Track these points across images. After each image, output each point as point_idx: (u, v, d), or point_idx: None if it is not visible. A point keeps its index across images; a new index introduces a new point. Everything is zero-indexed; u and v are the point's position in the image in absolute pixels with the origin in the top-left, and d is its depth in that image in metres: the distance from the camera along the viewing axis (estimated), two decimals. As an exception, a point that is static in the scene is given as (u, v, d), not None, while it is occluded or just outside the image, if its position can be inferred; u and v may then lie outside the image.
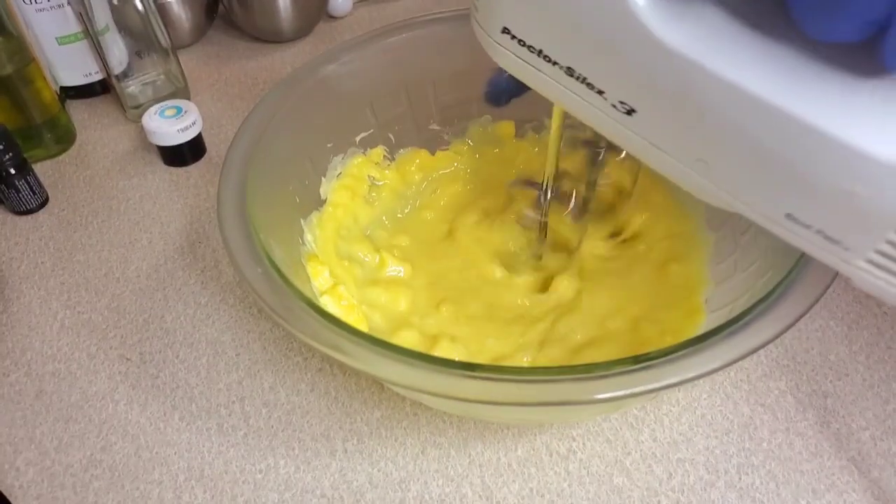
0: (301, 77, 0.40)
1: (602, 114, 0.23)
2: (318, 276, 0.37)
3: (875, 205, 0.19)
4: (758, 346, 0.25)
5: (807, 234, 0.21)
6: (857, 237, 0.20)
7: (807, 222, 0.20)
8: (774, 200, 0.21)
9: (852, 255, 0.20)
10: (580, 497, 0.33)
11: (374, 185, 0.44)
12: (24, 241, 0.48)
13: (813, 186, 0.19)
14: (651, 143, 0.22)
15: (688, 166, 0.22)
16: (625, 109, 0.22)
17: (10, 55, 0.50)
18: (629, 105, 0.22)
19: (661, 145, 0.22)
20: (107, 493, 0.34)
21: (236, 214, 0.32)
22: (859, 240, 0.20)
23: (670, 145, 0.22)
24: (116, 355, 0.40)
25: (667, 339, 0.34)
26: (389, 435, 0.36)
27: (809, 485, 0.33)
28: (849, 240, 0.20)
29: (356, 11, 0.72)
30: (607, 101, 0.22)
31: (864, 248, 0.20)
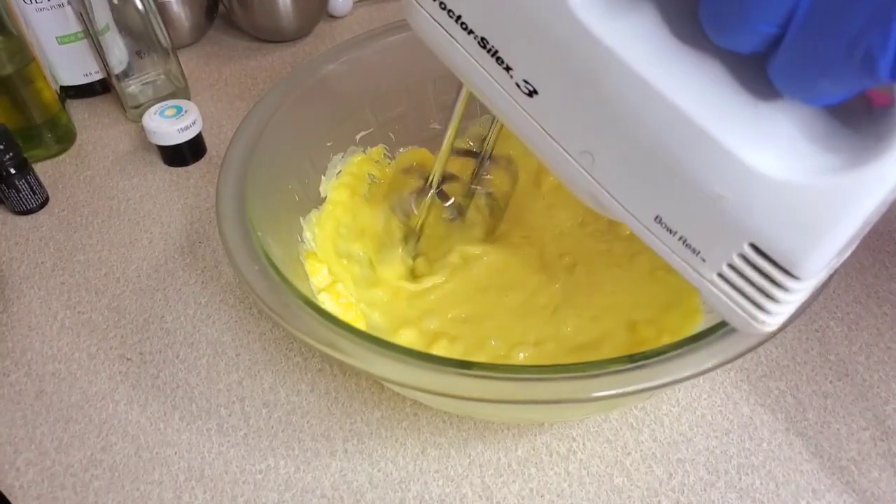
0: (301, 76, 0.40)
1: (503, 92, 0.23)
2: (317, 273, 0.37)
3: (738, 213, 0.20)
4: (752, 346, 0.25)
5: (670, 240, 0.22)
6: (714, 247, 0.21)
7: (673, 227, 0.22)
8: (648, 199, 0.22)
9: (706, 268, 0.21)
10: (580, 497, 0.33)
11: (374, 184, 0.44)
12: (24, 241, 0.48)
13: (687, 186, 0.20)
14: (543, 129, 0.23)
15: (573, 157, 0.23)
16: (527, 90, 0.23)
17: (11, 55, 0.50)
18: (533, 85, 0.22)
19: (552, 132, 0.23)
20: (107, 493, 0.34)
21: (234, 212, 0.32)
22: (716, 250, 0.21)
23: (562, 133, 0.23)
24: (117, 355, 0.40)
25: (664, 339, 0.34)
26: (389, 435, 0.36)
27: (809, 485, 0.33)
28: (707, 250, 0.21)
29: (356, 11, 0.72)
30: (512, 80, 0.23)
31: (718, 260, 0.21)
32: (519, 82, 0.23)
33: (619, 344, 0.35)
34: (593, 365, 0.25)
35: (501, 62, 0.23)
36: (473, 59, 0.24)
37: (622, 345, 0.35)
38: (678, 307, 0.36)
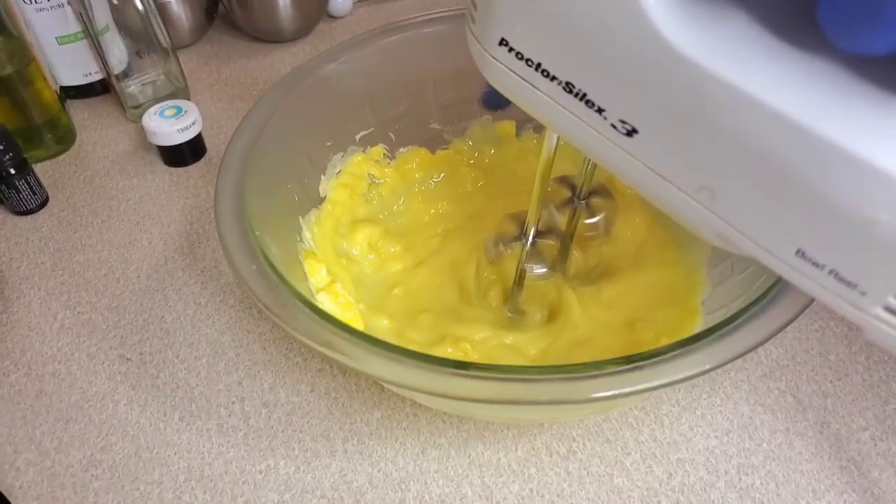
0: (301, 76, 0.40)
1: (599, 136, 0.21)
2: (315, 273, 0.37)
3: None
4: (749, 347, 0.25)
5: (818, 275, 0.19)
6: (875, 278, 0.18)
7: (819, 260, 0.19)
8: (785, 233, 0.19)
9: (868, 302, 0.18)
10: (580, 497, 0.33)
11: (374, 184, 0.44)
12: (24, 242, 0.48)
13: (831, 215, 0.17)
14: (651, 169, 0.21)
15: (690, 195, 0.21)
16: (625, 130, 0.21)
17: (11, 55, 0.50)
18: (631, 125, 0.20)
19: (661, 171, 0.21)
20: (107, 493, 0.34)
21: (233, 211, 0.32)
22: (877, 282, 0.18)
23: (672, 171, 0.21)
24: (116, 355, 0.40)
25: (662, 340, 0.34)
26: (389, 435, 0.36)
27: (809, 485, 0.33)
28: (865, 282, 0.18)
29: (356, 11, 0.72)
30: (606, 121, 0.21)
31: (881, 291, 0.18)
32: (615, 123, 0.21)
33: (617, 344, 0.35)
34: (591, 366, 0.25)
35: (592, 105, 0.21)
36: (560, 105, 0.22)
37: (621, 345, 0.35)
38: (677, 308, 0.35)
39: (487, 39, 0.22)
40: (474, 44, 0.23)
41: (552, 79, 0.21)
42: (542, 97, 0.22)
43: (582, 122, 0.22)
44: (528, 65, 0.22)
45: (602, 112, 0.21)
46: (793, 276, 0.20)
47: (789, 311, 0.26)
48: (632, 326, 0.36)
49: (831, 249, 0.18)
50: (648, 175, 0.21)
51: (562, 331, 0.36)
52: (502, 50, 0.22)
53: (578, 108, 0.21)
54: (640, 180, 0.22)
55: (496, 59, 0.23)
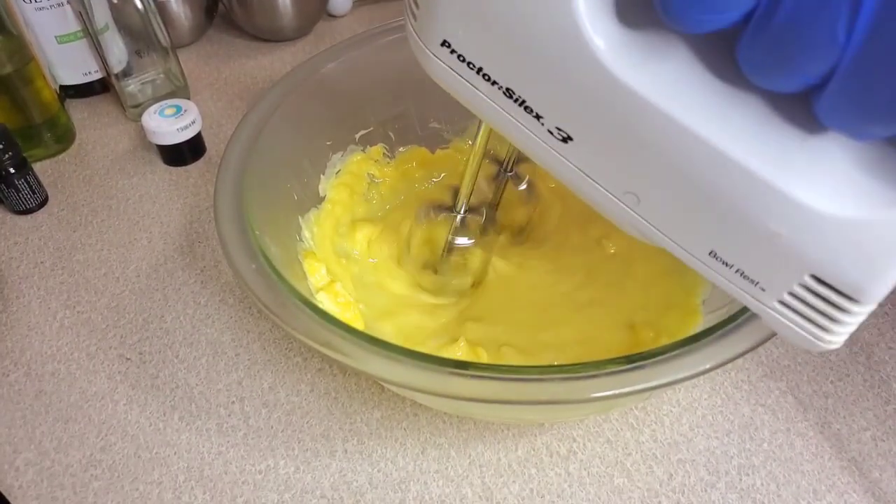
0: (301, 75, 0.40)
1: (536, 139, 0.22)
2: (315, 273, 0.37)
3: (796, 248, 0.19)
4: (750, 347, 0.25)
5: (726, 272, 0.22)
6: (773, 278, 0.21)
7: (729, 261, 0.21)
8: (700, 237, 0.21)
9: (766, 296, 0.21)
10: (580, 498, 0.33)
11: (374, 183, 0.44)
12: (23, 241, 0.48)
13: (741, 226, 0.20)
14: (582, 172, 0.22)
15: (617, 198, 0.22)
16: (561, 136, 0.22)
17: (10, 54, 0.50)
18: (566, 132, 0.22)
19: (592, 175, 0.22)
20: (106, 493, 0.34)
21: (232, 211, 0.32)
22: (775, 281, 0.21)
23: (602, 176, 0.22)
24: (116, 355, 0.40)
25: (662, 340, 0.34)
26: (389, 435, 0.36)
27: (810, 485, 0.33)
28: (766, 281, 0.21)
29: (356, 10, 0.72)
30: (543, 127, 0.22)
31: (778, 289, 0.21)
32: (552, 129, 0.22)
33: (617, 344, 0.35)
34: (591, 366, 0.25)
35: (530, 111, 0.22)
36: (499, 107, 0.23)
37: (621, 345, 0.35)
38: (677, 308, 0.35)
39: (429, 39, 0.23)
40: (416, 41, 0.24)
41: (493, 83, 0.22)
42: (483, 98, 0.23)
43: (520, 125, 0.22)
44: (469, 67, 0.22)
45: (540, 118, 0.22)
46: (704, 270, 0.22)
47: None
48: (632, 326, 0.36)
49: (739, 253, 0.21)
50: (580, 177, 0.23)
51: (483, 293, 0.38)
52: (444, 51, 0.22)
53: (517, 113, 0.22)
54: (572, 180, 0.23)
55: (438, 58, 0.23)
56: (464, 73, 0.22)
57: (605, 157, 0.22)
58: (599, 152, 0.22)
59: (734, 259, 0.21)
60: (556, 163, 0.23)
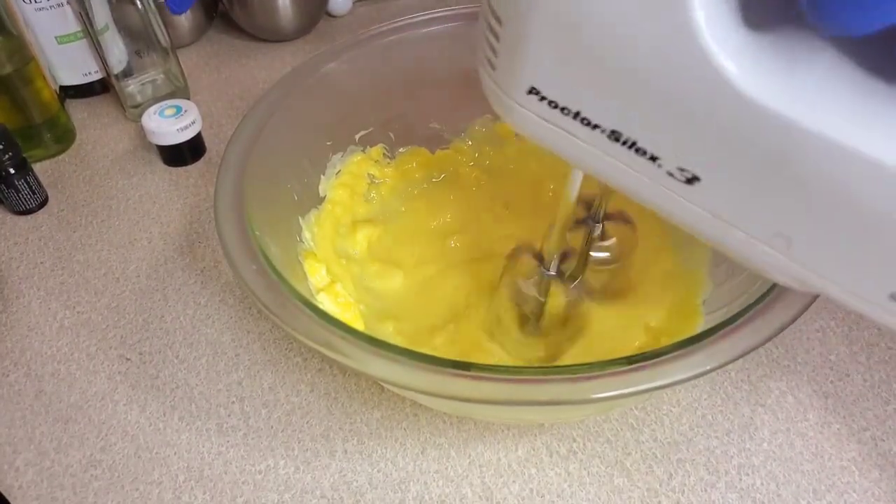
0: (301, 75, 0.40)
1: (652, 184, 0.19)
2: (315, 273, 0.37)
3: None
4: (750, 348, 0.25)
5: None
6: None
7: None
8: (878, 278, 0.18)
9: None
10: (580, 497, 0.33)
11: (374, 184, 0.44)
12: (23, 241, 0.48)
13: None
14: (715, 216, 0.19)
15: (762, 242, 0.19)
16: (685, 178, 0.18)
17: (10, 54, 0.50)
18: (691, 172, 0.18)
19: (728, 218, 0.19)
20: (106, 493, 0.34)
21: (233, 211, 0.32)
22: None
23: (740, 218, 0.19)
24: (116, 355, 0.40)
25: (663, 340, 0.34)
26: (389, 435, 0.36)
27: (810, 485, 0.33)
28: None
29: (356, 10, 0.72)
30: (661, 169, 0.19)
31: None
32: (672, 171, 0.18)
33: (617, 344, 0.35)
34: (592, 366, 0.25)
35: (643, 153, 0.19)
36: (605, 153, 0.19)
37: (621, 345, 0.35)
38: (678, 308, 0.35)
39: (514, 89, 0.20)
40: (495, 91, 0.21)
41: (594, 127, 0.19)
42: (581, 145, 0.20)
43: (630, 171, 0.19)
44: (564, 113, 0.19)
45: (656, 160, 0.19)
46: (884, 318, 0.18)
47: (790, 311, 0.26)
48: (637, 327, 0.36)
49: None
50: (711, 221, 0.19)
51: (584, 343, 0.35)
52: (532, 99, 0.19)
53: (626, 157, 0.19)
54: (700, 226, 0.20)
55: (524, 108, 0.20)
56: (557, 121, 0.19)
57: (743, 195, 0.18)
58: (735, 191, 0.18)
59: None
60: (679, 208, 0.19)
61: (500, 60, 0.20)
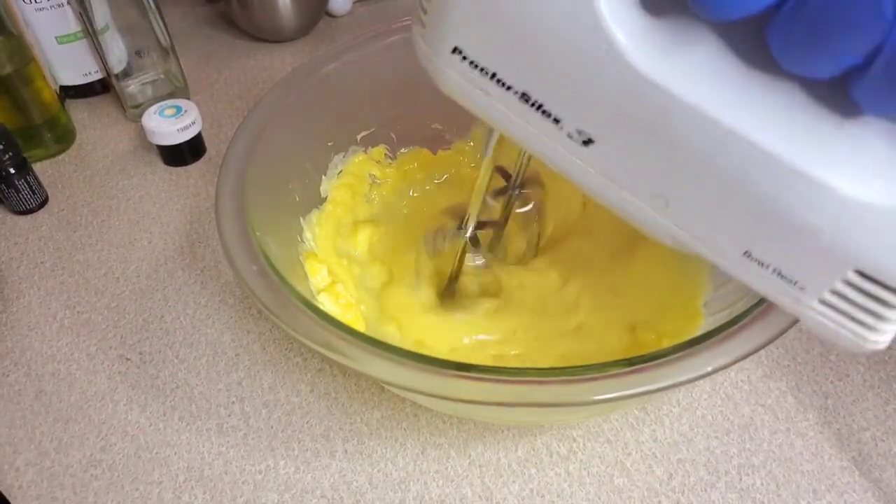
0: (302, 75, 0.40)
1: (554, 143, 0.21)
2: (316, 274, 0.37)
3: (839, 242, 0.18)
4: (751, 350, 0.25)
5: (762, 272, 0.20)
6: (814, 276, 0.20)
7: (765, 260, 0.20)
8: (733, 237, 0.20)
9: (806, 296, 0.20)
10: (580, 498, 0.33)
11: (375, 184, 0.44)
12: (23, 241, 0.48)
13: (778, 223, 0.19)
14: (605, 177, 0.21)
15: (643, 201, 0.21)
16: (582, 139, 0.21)
17: (10, 55, 0.50)
18: (588, 134, 0.21)
19: (616, 178, 0.21)
20: (106, 493, 0.34)
21: (234, 212, 0.32)
22: (816, 279, 0.20)
23: (627, 179, 0.21)
24: (116, 355, 0.40)
25: (664, 342, 0.34)
26: (389, 436, 0.36)
27: (810, 485, 0.33)
28: (805, 279, 0.20)
29: (356, 10, 0.72)
30: (562, 131, 0.21)
31: (819, 287, 0.20)
32: (571, 133, 0.21)
33: (618, 346, 0.35)
34: (593, 368, 0.25)
35: (548, 115, 0.21)
36: (515, 114, 0.21)
37: (622, 346, 0.35)
38: (679, 310, 0.35)
39: (439, 47, 0.22)
40: (424, 49, 0.23)
41: (507, 88, 0.21)
42: (496, 105, 0.22)
43: (536, 131, 0.21)
44: (482, 73, 0.21)
45: (558, 122, 0.21)
46: (737, 272, 0.21)
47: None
48: (633, 329, 0.36)
49: (777, 252, 0.20)
50: (602, 182, 0.21)
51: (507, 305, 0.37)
52: (455, 58, 0.21)
53: (534, 118, 0.21)
54: (594, 187, 0.22)
55: (449, 67, 0.22)
56: (476, 81, 0.22)
57: (630, 158, 0.21)
58: (623, 153, 0.21)
59: (771, 258, 0.20)
60: (577, 169, 0.22)
61: (429, 20, 0.22)
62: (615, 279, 0.39)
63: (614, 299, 0.38)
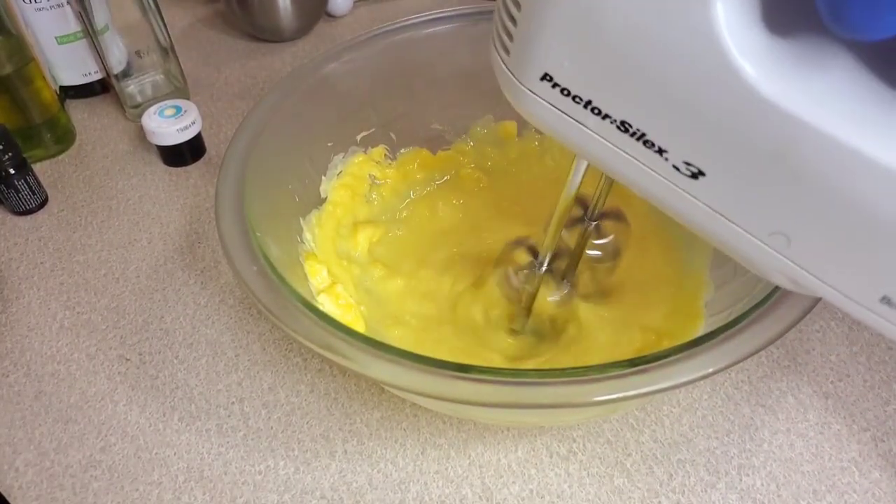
0: (302, 76, 0.40)
1: (657, 177, 0.19)
2: (316, 274, 0.36)
3: None
4: (752, 351, 0.25)
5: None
6: None
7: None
8: (870, 281, 0.18)
9: None
10: (580, 498, 0.33)
11: (375, 185, 0.44)
12: (23, 242, 0.48)
13: None
14: (716, 212, 0.19)
15: (760, 239, 0.19)
16: (690, 172, 0.19)
17: (10, 55, 0.50)
18: (697, 167, 0.18)
19: (729, 214, 0.19)
20: (106, 493, 0.34)
21: (233, 212, 0.32)
22: None
23: (741, 215, 0.19)
24: (116, 356, 0.40)
25: (665, 342, 0.34)
26: (389, 436, 0.36)
27: (810, 486, 0.33)
28: None
29: (356, 11, 0.72)
30: (668, 163, 0.19)
31: None
32: (678, 165, 0.19)
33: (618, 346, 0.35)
34: (593, 369, 0.24)
35: (651, 145, 0.19)
36: (611, 143, 0.20)
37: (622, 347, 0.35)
38: (680, 311, 0.35)
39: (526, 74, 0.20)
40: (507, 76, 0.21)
41: (604, 117, 0.19)
42: (590, 135, 0.20)
43: (637, 162, 0.20)
44: (575, 102, 0.19)
45: (663, 153, 0.19)
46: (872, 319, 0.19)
47: (792, 313, 0.26)
48: (633, 329, 0.36)
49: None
50: (712, 217, 0.19)
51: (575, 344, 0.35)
52: (544, 85, 0.20)
53: (634, 148, 0.19)
54: (701, 221, 0.20)
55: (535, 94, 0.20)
56: (568, 109, 0.20)
57: (747, 193, 0.18)
58: (739, 188, 0.18)
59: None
60: (681, 202, 0.20)
61: (516, 46, 0.20)
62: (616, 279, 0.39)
63: (616, 300, 0.37)
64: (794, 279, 0.20)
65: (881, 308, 0.18)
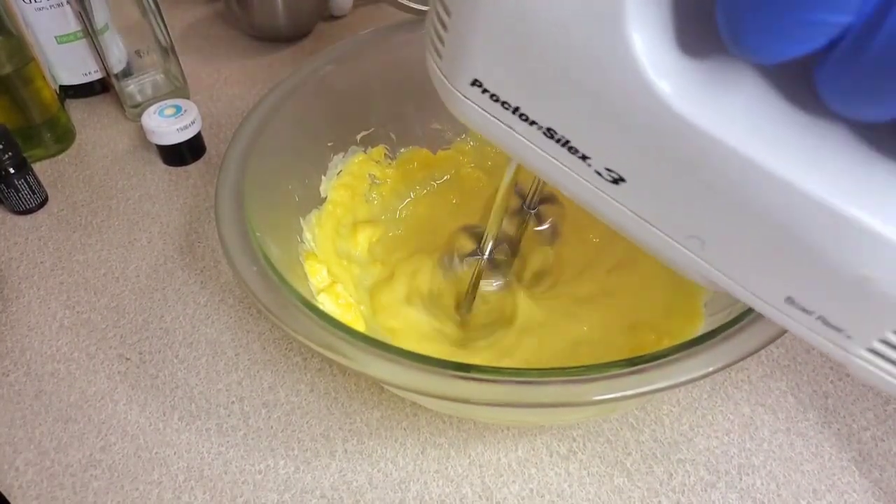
0: (302, 75, 0.40)
1: (581, 180, 0.20)
2: (316, 274, 0.36)
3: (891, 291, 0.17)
4: (752, 350, 0.25)
5: (806, 319, 0.19)
6: (862, 325, 0.19)
7: (808, 307, 0.19)
8: (775, 283, 0.19)
9: (853, 344, 0.19)
10: (580, 498, 0.33)
11: (375, 184, 0.44)
12: (23, 241, 0.48)
13: (824, 270, 0.18)
14: (637, 216, 0.20)
15: (678, 242, 0.20)
16: (611, 178, 0.20)
17: (10, 54, 0.50)
18: (617, 173, 0.19)
19: (648, 218, 0.20)
20: (106, 493, 0.34)
21: (233, 212, 0.32)
22: (864, 328, 0.19)
23: (660, 219, 0.20)
24: (116, 355, 0.40)
25: (664, 342, 0.34)
26: (389, 435, 0.36)
27: (810, 485, 0.33)
28: (852, 328, 0.19)
29: (356, 11, 0.72)
30: (591, 168, 0.20)
31: (867, 336, 0.19)
32: (599, 170, 0.20)
33: (619, 346, 0.35)
34: (593, 368, 0.24)
35: (575, 152, 0.20)
36: (538, 148, 0.20)
37: (623, 347, 0.35)
38: (679, 310, 0.35)
39: (457, 78, 0.20)
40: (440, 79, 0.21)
41: (531, 123, 0.20)
42: (519, 139, 0.21)
43: (562, 166, 0.20)
44: (504, 107, 0.20)
45: (586, 159, 0.20)
46: (778, 317, 0.20)
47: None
48: (634, 329, 0.36)
49: (821, 299, 0.19)
50: (633, 220, 0.21)
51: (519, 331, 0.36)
52: (475, 90, 0.20)
53: (559, 154, 0.20)
54: (623, 224, 0.21)
55: (467, 98, 0.21)
56: (497, 114, 0.20)
57: (664, 198, 0.19)
58: (657, 194, 0.19)
59: (815, 306, 0.19)
60: (605, 205, 0.21)
61: (447, 50, 0.20)
62: (616, 280, 0.39)
63: (615, 300, 0.38)
64: (710, 280, 0.21)
65: (787, 308, 0.20)
